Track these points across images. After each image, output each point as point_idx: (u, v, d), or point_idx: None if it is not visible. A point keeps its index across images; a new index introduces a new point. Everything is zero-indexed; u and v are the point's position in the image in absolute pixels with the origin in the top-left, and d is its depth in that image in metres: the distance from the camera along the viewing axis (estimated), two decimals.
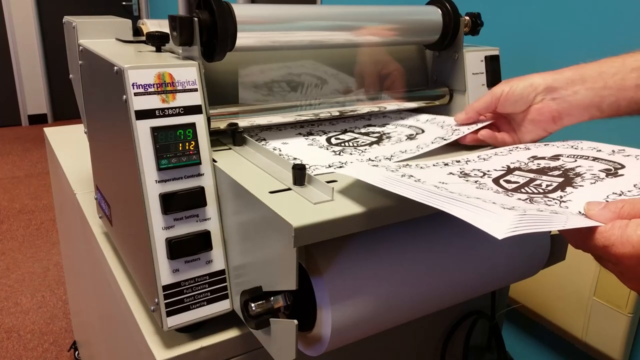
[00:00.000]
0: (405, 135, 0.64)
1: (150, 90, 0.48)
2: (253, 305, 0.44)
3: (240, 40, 0.55)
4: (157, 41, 0.57)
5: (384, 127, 0.68)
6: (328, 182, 0.45)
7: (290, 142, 0.61)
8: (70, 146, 1.09)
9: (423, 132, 0.64)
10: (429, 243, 0.50)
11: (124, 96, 0.47)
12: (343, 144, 0.60)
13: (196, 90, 0.50)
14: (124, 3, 4.39)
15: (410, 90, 0.72)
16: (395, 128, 0.67)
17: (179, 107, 0.49)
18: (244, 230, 0.47)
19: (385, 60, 0.72)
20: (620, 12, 0.86)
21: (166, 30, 0.56)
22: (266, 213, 0.42)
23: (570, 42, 0.94)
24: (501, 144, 0.61)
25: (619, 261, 0.35)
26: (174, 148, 0.48)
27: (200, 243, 0.49)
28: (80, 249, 0.94)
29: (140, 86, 0.47)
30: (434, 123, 0.68)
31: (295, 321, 0.41)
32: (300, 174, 0.46)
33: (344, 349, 0.61)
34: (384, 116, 0.73)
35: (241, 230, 0.48)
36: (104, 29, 0.70)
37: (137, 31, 0.71)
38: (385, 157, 0.55)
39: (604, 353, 0.93)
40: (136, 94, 0.47)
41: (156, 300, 0.49)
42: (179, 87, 0.49)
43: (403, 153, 0.57)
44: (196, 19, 0.52)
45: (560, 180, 0.47)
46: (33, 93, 4.40)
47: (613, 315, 0.89)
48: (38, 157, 3.60)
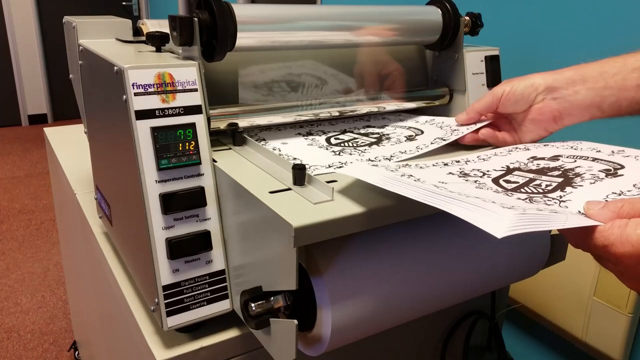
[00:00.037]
0: (405, 137, 0.63)
1: (150, 90, 0.48)
2: (253, 305, 0.44)
3: (240, 41, 0.55)
4: (157, 41, 0.57)
5: (383, 128, 0.68)
6: (328, 182, 0.45)
7: (289, 142, 0.61)
8: (70, 146, 1.09)
9: (422, 133, 0.64)
10: (429, 243, 0.50)
11: (124, 96, 0.47)
12: (343, 144, 0.60)
13: (196, 90, 0.50)
14: (124, 3, 4.39)
15: (410, 90, 0.72)
16: (395, 129, 0.67)
17: (179, 107, 0.49)
18: (244, 230, 0.47)
19: (385, 61, 0.72)
20: (620, 12, 0.86)
21: (166, 30, 0.56)
22: (266, 213, 0.42)
23: (570, 42, 0.94)
24: (502, 143, 0.61)
25: (618, 260, 0.35)
26: (174, 148, 0.48)
27: (200, 243, 0.49)
28: (80, 249, 0.94)
29: (140, 86, 0.47)
30: (432, 124, 0.68)
31: (295, 321, 0.41)
32: (300, 174, 0.46)
33: (344, 349, 0.61)
34: (383, 118, 0.73)
35: (241, 230, 0.48)
36: (104, 29, 0.70)
37: (137, 31, 0.71)
38: (385, 158, 0.55)
39: (604, 353, 0.93)
40: (136, 94, 0.47)
41: (156, 300, 0.49)
42: (179, 87, 0.49)
43: (403, 153, 0.57)
44: (196, 19, 0.52)
45: (560, 180, 0.47)
46: (33, 93, 4.40)
47: (613, 315, 0.89)
48: (38, 157, 3.60)
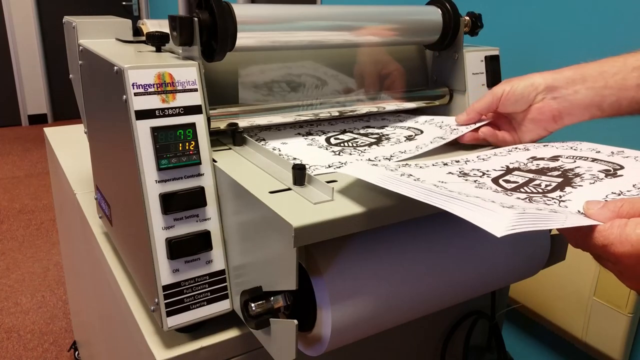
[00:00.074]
0: (404, 137, 0.64)
1: (150, 90, 0.48)
2: (253, 305, 0.44)
3: (240, 41, 0.55)
4: (157, 41, 0.57)
5: (383, 128, 0.68)
6: (328, 182, 0.45)
7: (289, 142, 0.61)
8: (70, 146, 1.09)
9: (422, 133, 0.64)
10: (429, 243, 0.50)
11: (124, 96, 0.47)
12: (342, 144, 0.60)
13: (196, 90, 0.50)
14: (124, 3, 4.39)
15: (410, 90, 0.72)
16: (394, 129, 0.67)
17: (179, 107, 0.49)
18: (244, 230, 0.47)
19: (385, 61, 0.72)
20: (620, 12, 0.86)
21: (166, 30, 0.56)
22: (266, 213, 0.42)
23: (570, 42, 0.94)
24: (501, 142, 0.61)
25: (618, 260, 0.35)
26: (174, 148, 0.48)
27: (200, 243, 0.49)
28: (80, 249, 0.94)
29: (140, 86, 0.47)
30: (432, 123, 0.68)
31: (295, 321, 0.41)
32: (300, 174, 0.46)
33: (344, 349, 0.61)
34: (382, 118, 0.73)
35: (241, 230, 0.48)
36: (104, 29, 0.70)
37: (137, 31, 0.71)
38: (384, 157, 0.55)
39: (604, 353, 0.93)
40: (136, 94, 0.47)
41: (156, 300, 0.49)
42: (179, 87, 0.49)
43: (402, 153, 0.57)
44: (196, 19, 0.52)
45: (560, 180, 0.47)
46: (33, 93, 4.40)
47: (613, 315, 0.89)
48: (38, 157, 3.60)
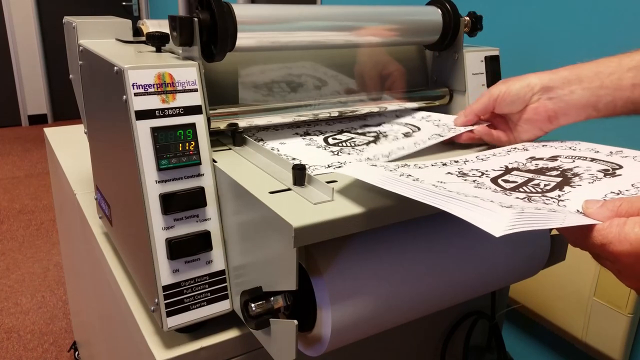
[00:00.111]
0: (402, 133, 0.64)
1: (150, 90, 0.48)
2: (253, 305, 0.44)
3: (240, 41, 0.55)
4: (157, 41, 0.57)
5: (380, 126, 0.68)
6: (328, 182, 0.45)
7: (287, 142, 0.61)
8: (70, 146, 1.09)
9: (419, 130, 0.64)
10: (429, 243, 0.50)
11: (124, 96, 0.47)
12: (341, 144, 0.60)
13: (196, 90, 0.50)
14: (124, 3, 4.40)
15: (410, 90, 0.72)
16: (392, 126, 0.67)
17: (179, 108, 0.49)
18: (244, 231, 0.47)
19: (385, 61, 0.72)
20: (620, 12, 0.86)
21: (166, 30, 0.56)
22: (266, 213, 0.42)
23: (570, 42, 0.94)
24: (496, 141, 0.61)
25: (616, 259, 0.36)
26: (174, 148, 0.48)
27: (200, 243, 0.49)
28: (80, 249, 0.94)
29: (140, 86, 0.47)
30: (429, 121, 0.68)
31: (295, 321, 0.41)
32: (300, 174, 0.46)
33: (344, 349, 0.61)
34: (379, 115, 0.73)
35: (241, 231, 0.48)
36: (104, 29, 0.70)
37: (137, 31, 0.71)
38: (383, 155, 0.55)
39: (604, 353, 0.93)
40: (136, 94, 0.47)
41: (156, 300, 0.49)
42: (179, 88, 0.49)
43: (401, 150, 0.57)
44: (196, 19, 0.52)
45: (559, 180, 0.47)
46: (33, 93, 4.41)
47: (613, 315, 0.89)
48: (38, 157, 3.60)
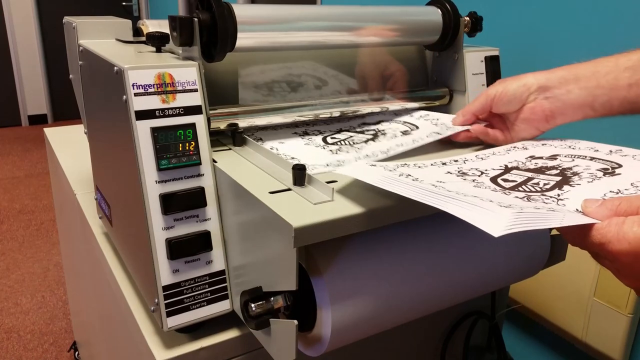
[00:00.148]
0: (400, 132, 0.64)
1: (150, 90, 0.48)
2: (253, 305, 0.44)
3: (241, 41, 0.55)
4: (157, 41, 0.57)
5: (379, 124, 0.68)
6: (328, 182, 0.45)
7: (286, 142, 0.61)
8: (70, 146, 1.09)
9: (417, 129, 0.64)
10: (429, 243, 0.50)
11: (124, 96, 0.47)
12: (339, 143, 0.60)
13: (196, 90, 0.50)
14: (124, 3, 4.40)
15: (410, 90, 0.72)
16: (390, 125, 0.67)
17: (179, 108, 0.49)
18: (244, 231, 0.47)
19: (385, 61, 0.72)
20: (620, 12, 0.86)
21: (166, 30, 0.56)
22: (266, 213, 0.42)
23: (570, 42, 0.94)
24: (493, 140, 0.61)
25: (615, 258, 0.36)
26: (174, 148, 0.48)
27: (200, 243, 0.49)
28: (80, 249, 0.94)
29: (141, 86, 0.47)
30: (427, 120, 0.68)
31: (295, 321, 0.41)
32: (300, 174, 0.46)
33: (344, 349, 0.61)
34: (377, 113, 0.73)
35: (241, 231, 0.48)
36: (104, 30, 0.70)
37: (137, 31, 0.71)
38: (382, 152, 0.55)
39: (604, 353, 0.93)
40: (136, 95, 0.47)
41: (156, 300, 0.49)
42: (179, 88, 0.49)
43: (399, 147, 0.57)
44: (196, 19, 0.52)
45: (558, 179, 0.47)
46: (33, 93, 4.41)
47: (613, 315, 0.90)
48: (38, 157, 3.60)
